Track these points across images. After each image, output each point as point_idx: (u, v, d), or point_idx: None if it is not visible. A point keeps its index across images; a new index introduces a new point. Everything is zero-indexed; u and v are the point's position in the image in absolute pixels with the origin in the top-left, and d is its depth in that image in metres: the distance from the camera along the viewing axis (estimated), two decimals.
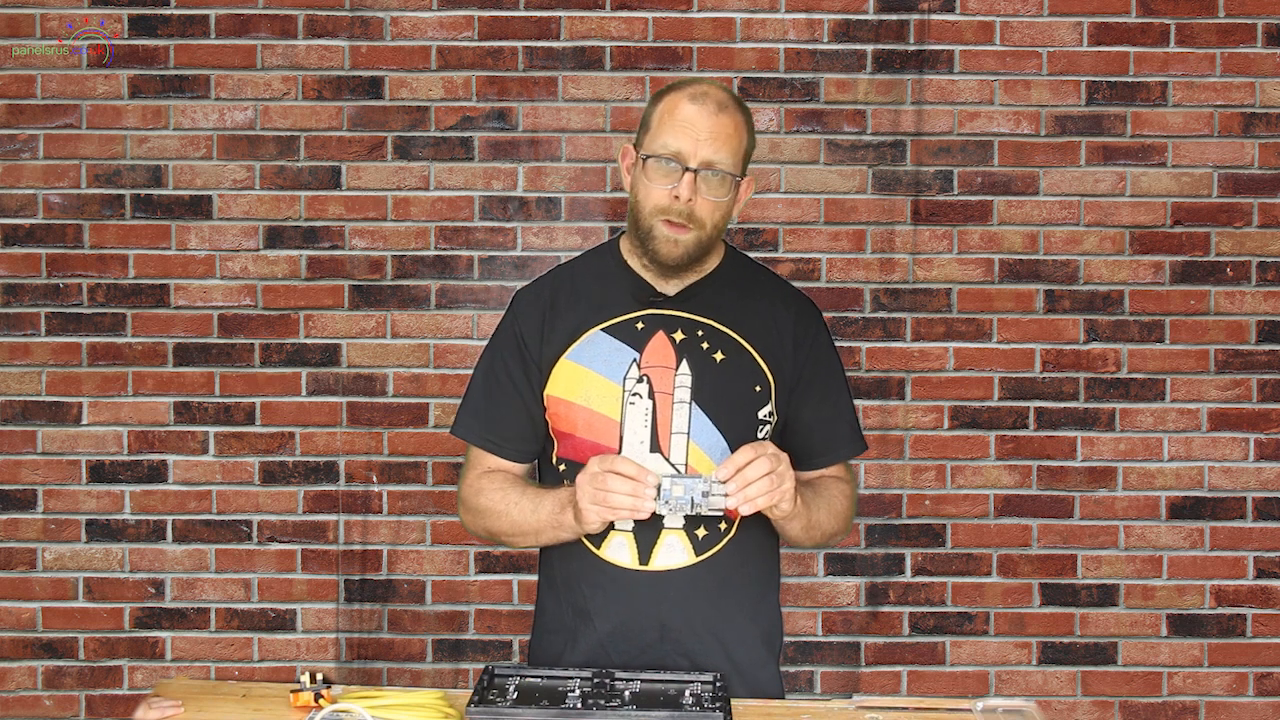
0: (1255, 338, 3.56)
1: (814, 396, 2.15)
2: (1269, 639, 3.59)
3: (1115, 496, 3.57)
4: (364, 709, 1.80)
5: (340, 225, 3.55)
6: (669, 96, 2.04)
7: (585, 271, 2.18)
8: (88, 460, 3.56)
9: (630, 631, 2.07)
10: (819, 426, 2.16)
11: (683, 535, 2.06)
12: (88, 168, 3.54)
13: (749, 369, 2.10)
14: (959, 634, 3.58)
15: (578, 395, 2.09)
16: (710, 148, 1.99)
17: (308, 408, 3.57)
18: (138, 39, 3.53)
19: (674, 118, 2.01)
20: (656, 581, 2.06)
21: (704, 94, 2.02)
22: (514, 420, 2.15)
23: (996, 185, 3.55)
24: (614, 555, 2.08)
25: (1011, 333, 3.56)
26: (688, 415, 2.05)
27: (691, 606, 2.07)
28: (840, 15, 3.53)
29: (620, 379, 2.06)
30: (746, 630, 2.13)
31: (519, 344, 2.13)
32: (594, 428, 2.07)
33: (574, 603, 2.12)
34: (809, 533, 2.09)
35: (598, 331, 2.10)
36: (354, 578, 3.58)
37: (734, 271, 2.17)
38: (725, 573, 2.09)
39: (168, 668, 3.57)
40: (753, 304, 2.14)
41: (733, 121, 2.02)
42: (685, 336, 2.09)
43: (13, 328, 3.55)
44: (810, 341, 2.15)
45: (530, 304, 2.16)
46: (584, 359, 2.09)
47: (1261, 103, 3.54)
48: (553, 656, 2.14)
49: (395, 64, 3.54)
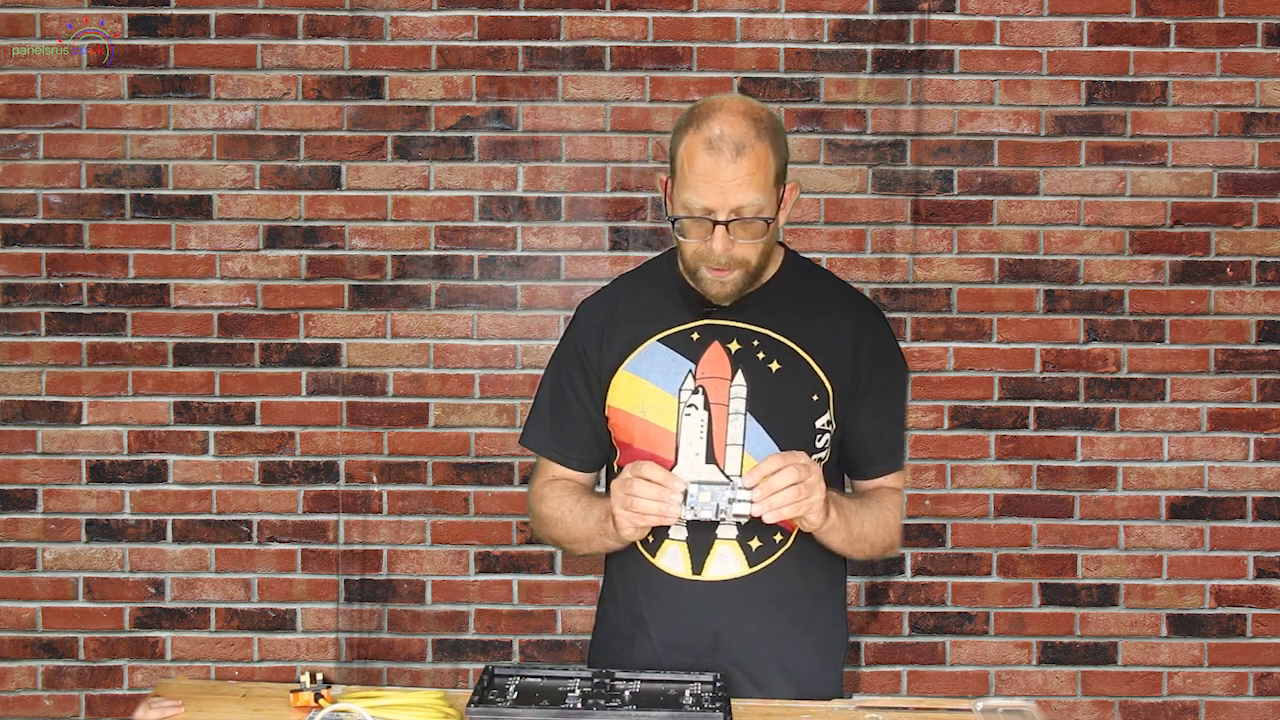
0: (1255, 338, 3.56)
1: (872, 403, 2.12)
2: (1269, 639, 3.59)
3: (1115, 496, 3.57)
4: (364, 709, 1.80)
5: (340, 225, 3.55)
6: (688, 138, 1.96)
7: (644, 282, 2.18)
8: (88, 460, 3.56)
9: (684, 641, 2.08)
10: (876, 435, 2.14)
11: (736, 546, 2.06)
12: (88, 168, 3.54)
13: (806, 378, 2.07)
14: (959, 634, 3.58)
15: (635, 406, 2.09)
16: (737, 196, 1.92)
17: (308, 408, 3.56)
18: (138, 39, 3.53)
19: (694, 170, 1.94)
20: (709, 592, 2.07)
21: (720, 139, 1.92)
22: (577, 431, 2.16)
23: (996, 185, 3.55)
24: (668, 564, 2.08)
25: (1011, 333, 3.56)
26: (743, 426, 2.04)
27: (744, 618, 2.07)
28: (840, 15, 3.53)
29: (676, 390, 2.07)
30: (801, 641, 2.11)
31: (580, 356, 2.15)
32: (650, 439, 2.07)
33: (631, 610, 2.13)
34: (854, 545, 2.07)
35: (654, 342, 2.10)
36: (354, 578, 3.58)
37: (792, 278, 2.14)
38: (779, 584, 2.08)
39: (168, 668, 3.57)
40: (810, 311, 2.11)
41: (754, 159, 1.93)
42: (741, 347, 2.07)
43: (13, 328, 3.55)
44: (870, 347, 2.11)
45: (591, 315, 2.17)
46: (641, 370, 2.10)
47: (1261, 103, 3.54)
48: (612, 662, 2.14)
49: (395, 64, 3.54)
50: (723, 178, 1.92)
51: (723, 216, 1.94)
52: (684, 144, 1.96)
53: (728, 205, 1.93)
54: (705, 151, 1.93)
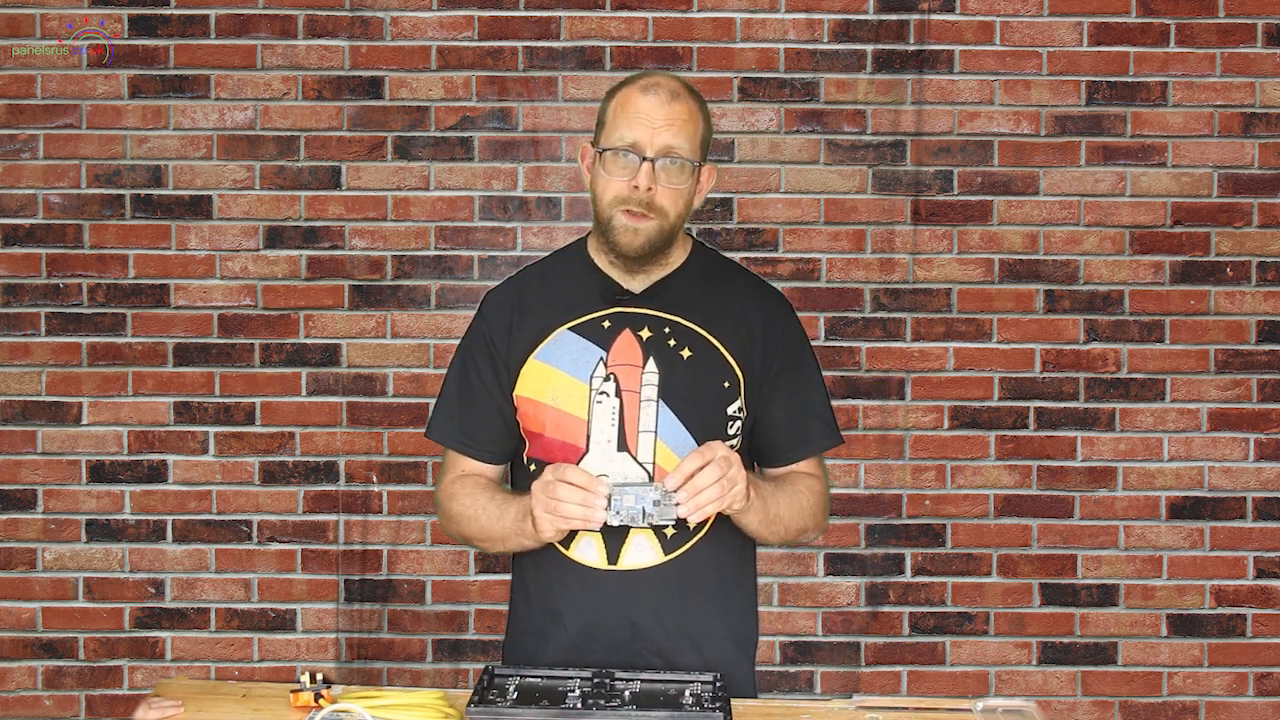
0: (1255, 338, 3.56)
1: (783, 391, 2.13)
2: (1269, 639, 3.59)
3: (1115, 496, 3.57)
4: (364, 709, 1.80)
5: (340, 225, 3.55)
6: (622, 91, 2.05)
7: (553, 271, 2.19)
8: (88, 460, 3.56)
9: (600, 631, 2.07)
10: (788, 422, 2.15)
11: (651, 535, 2.06)
12: (88, 168, 3.54)
13: (717, 365, 2.08)
14: (959, 634, 3.58)
15: (546, 395, 2.08)
16: (666, 135, 2.00)
17: (308, 408, 3.56)
18: (138, 39, 3.53)
19: (628, 110, 2.01)
20: (625, 581, 2.06)
21: (655, 84, 2.03)
22: (487, 423, 2.14)
23: (996, 185, 3.55)
24: (582, 555, 2.07)
25: (1011, 333, 3.56)
26: (655, 413, 2.04)
27: (661, 606, 2.07)
28: (840, 15, 3.53)
29: (587, 378, 2.06)
30: (717, 629, 2.12)
31: (488, 346, 2.14)
32: (562, 427, 2.06)
33: (544, 604, 2.12)
34: (770, 528, 2.07)
35: (565, 331, 2.10)
36: (354, 578, 3.58)
37: (701, 266, 2.16)
38: (695, 571, 2.08)
39: (168, 668, 3.57)
40: (720, 299, 2.13)
41: (687, 108, 2.03)
42: (652, 334, 2.08)
43: (13, 328, 3.55)
44: (779, 335, 2.13)
45: (498, 305, 2.17)
46: (551, 359, 2.09)
47: (1261, 103, 3.54)
48: (525, 659, 2.14)
49: (395, 64, 3.54)
50: (656, 114, 2.00)
51: (650, 153, 1.99)
52: (618, 96, 2.05)
53: (656, 143, 1.99)
54: (641, 94, 2.02)
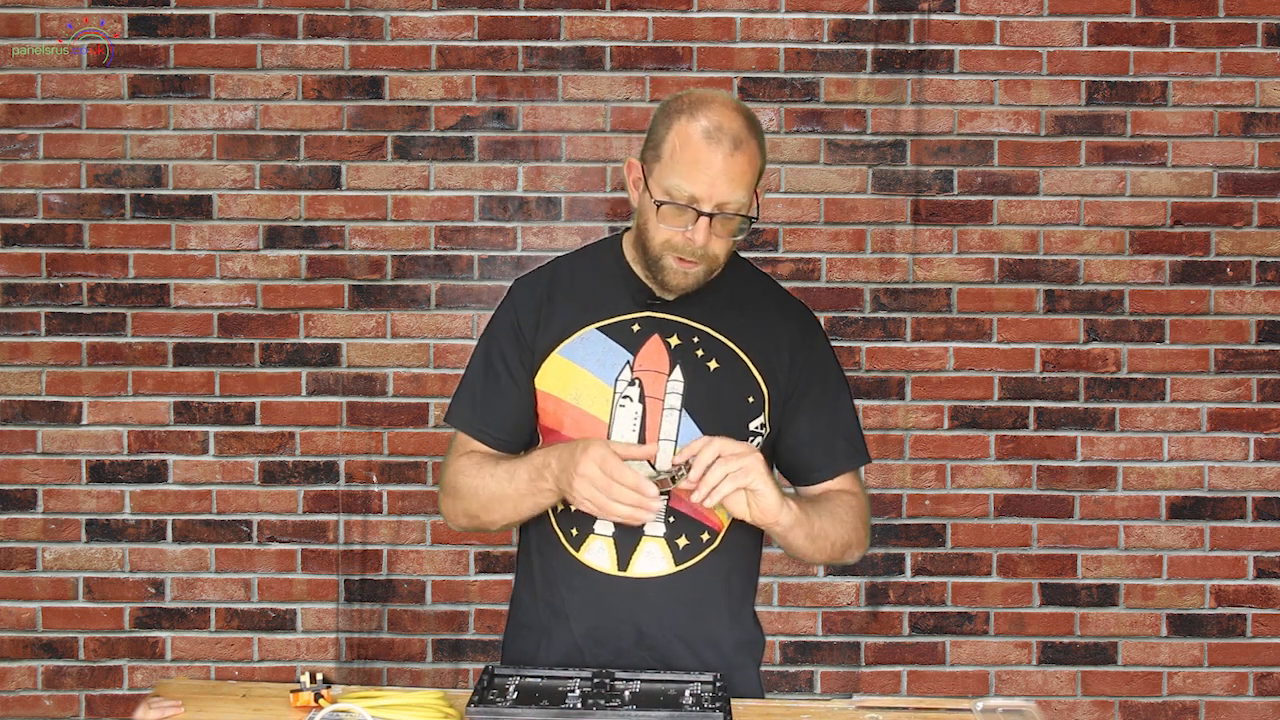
0: (1255, 338, 3.56)
1: (809, 410, 2.10)
2: (1269, 639, 3.59)
3: (1115, 496, 3.57)
4: (364, 709, 1.80)
5: (340, 225, 3.55)
6: (681, 124, 1.94)
7: (585, 267, 2.15)
8: (88, 460, 3.56)
9: (605, 635, 2.06)
10: (814, 440, 2.11)
11: (663, 544, 2.04)
12: (88, 168, 3.54)
13: (743, 379, 2.06)
14: (959, 634, 3.58)
15: (567, 392, 2.06)
16: (725, 190, 1.91)
17: (308, 408, 3.56)
18: (138, 39, 3.53)
19: (687, 156, 1.91)
20: (634, 588, 2.05)
21: (719, 130, 1.90)
22: (510, 411, 2.11)
23: (996, 185, 3.55)
24: (592, 559, 2.06)
25: (1011, 333, 3.56)
26: (676, 422, 2.02)
27: (668, 615, 2.05)
28: (840, 15, 3.53)
29: (612, 380, 2.04)
30: (724, 641, 2.10)
31: (516, 331, 2.10)
32: (582, 426, 2.04)
33: (550, 603, 2.11)
34: (816, 543, 2.02)
35: (593, 330, 2.07)
36: (354, 578, 3.58)
37: (736, 278, 2.12)
38: (704, 584, 2.07)
39: (168, 668, 3.57)
40: (752, 313, 2.10)
41: (747, 157, 1.92)
42: (680, 342, 2.06)
43: (13, 328, 3.55)
44: (807, 353, 2.10)
45: (528, 293, 2.12)
46: (576, 356, 2.07)
47: (1261, 103, 3.54)
48: (526, 654, 2.13)
49: (395, 64, 3.54)
50: (716, 169, 1.90)
51: (708, 208, 1.92)
52: (676, 129, 1.94)
53: (715, 198, 1.91)
54: (703, 139, 1.91)
